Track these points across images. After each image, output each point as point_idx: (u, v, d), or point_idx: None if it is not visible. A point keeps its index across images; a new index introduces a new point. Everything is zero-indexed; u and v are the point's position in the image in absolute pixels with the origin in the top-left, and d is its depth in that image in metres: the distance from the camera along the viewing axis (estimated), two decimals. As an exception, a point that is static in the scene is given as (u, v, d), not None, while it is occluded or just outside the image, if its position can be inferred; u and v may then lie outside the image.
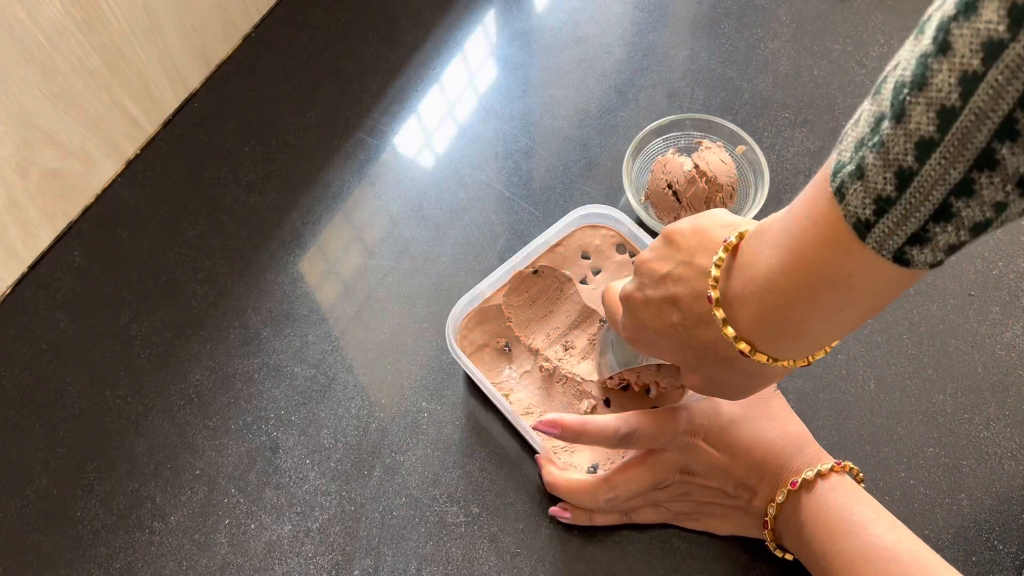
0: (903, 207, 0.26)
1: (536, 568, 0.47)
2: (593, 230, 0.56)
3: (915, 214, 0.26)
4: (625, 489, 0.45)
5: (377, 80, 0.70)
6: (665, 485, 0.45)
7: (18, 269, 0.59)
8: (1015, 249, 0.57)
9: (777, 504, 0.42)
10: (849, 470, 0.43)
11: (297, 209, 0.63)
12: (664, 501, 0.46)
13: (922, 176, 0.25)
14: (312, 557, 0.48)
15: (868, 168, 0.26)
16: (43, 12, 0.53)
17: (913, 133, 0.25)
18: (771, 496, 0.43)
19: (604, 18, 0.73)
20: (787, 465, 0.43)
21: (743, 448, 0.44)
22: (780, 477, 0.43)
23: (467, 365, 0.50)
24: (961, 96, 0.23)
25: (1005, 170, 0.24)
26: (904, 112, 0.25)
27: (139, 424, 0.53)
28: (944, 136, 0.24)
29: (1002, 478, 0.48)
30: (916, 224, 0.26)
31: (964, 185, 0.25)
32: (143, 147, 0.66)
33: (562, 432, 0.45)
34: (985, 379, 0.52)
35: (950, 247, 0.27)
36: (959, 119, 0.24)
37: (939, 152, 0.25)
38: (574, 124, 0.66)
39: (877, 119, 0.26)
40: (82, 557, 0.48)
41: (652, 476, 0.45)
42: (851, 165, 0.27)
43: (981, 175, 0.24)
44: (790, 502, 0.42)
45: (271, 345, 0.56)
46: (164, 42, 0.64)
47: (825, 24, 0.71)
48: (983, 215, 0.25)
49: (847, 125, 0.28)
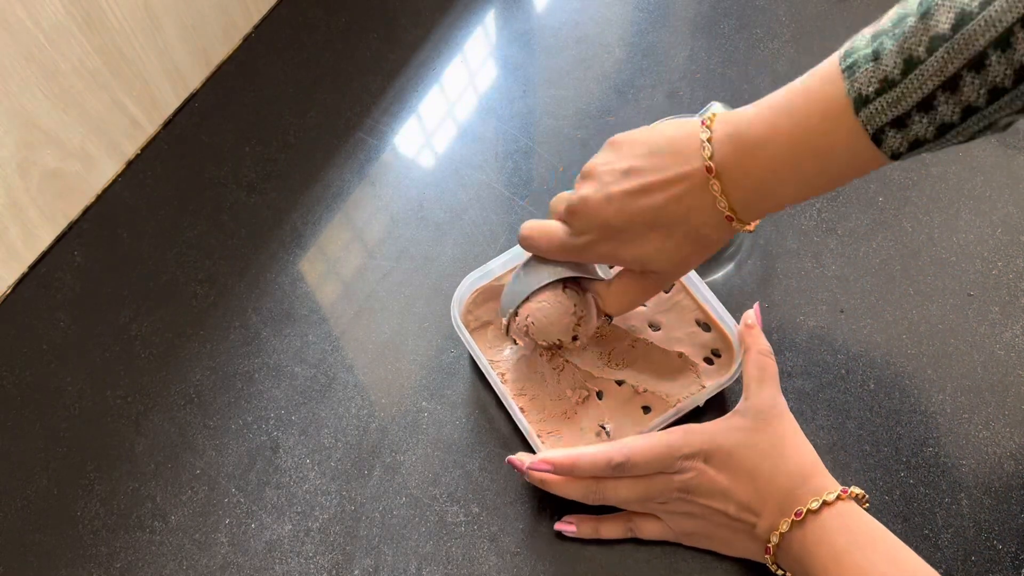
0: (900, 90, 0.32)
1: (536, 568, 0.47)
2: None
3: (907, 99, 0.32)
4: (616, 494, 0.45)
5: (377, 80, 0.70)
6: (662, 501, 0.45)
7: (18, 269, 0.59)
8: (1015, 249, 0.57)
9: (780, 533, 0.41)
10: (855, 496, 0.42)
11: (297, 209, 0.63)
12: (664, 515, 0.46)
13: (925, 65, 0.31)
14: (312, 556, 0.48)
15: (884, 52, 0.32)
16: (44, 12, 0.53)
17: (931, 28, 0.31)
18: (774, 523, 0.42)
19: (604, 18, 0.73)
20: (792, 493, 0.42)
21: (746, 473, 0.43)
22: (784, 505, 0.42)
23: (467, 339, 0.50)
24: (980, 5, 0.30)
25: (987, 75, 0.30)
26: (929, 11, 0.31)
27: (139, 424, 0.53)
28: (954, 35, 0.31)
29: (1001, 478, 0.48)
30: (904, 107, 0.32)
31: (953, 81, 0.31)
32: (143, 147, 0.66)
33: (554, 470, 0.45)
34: (984, 379, 0.52)
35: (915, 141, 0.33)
36: (971, 22, 0.30)
37: (945, 47, 0.31)
38: (574, 124, 0.66)
39: (901, 17, 0.33)
40: (82, 557, 0.48)
41: (646, 490, 0.44)
42: (867, 49, 0.33)
43: (968, 74, 0.31)
44: (793, 531, 0.41)
45: (271, 345, 0.56)
46: (164, 42, 0.64)
47: (825, 24, 0.71)
48: (952, 115, 0.32)
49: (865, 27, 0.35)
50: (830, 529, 0.40)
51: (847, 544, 0.39)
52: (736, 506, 0.43)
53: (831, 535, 0.40)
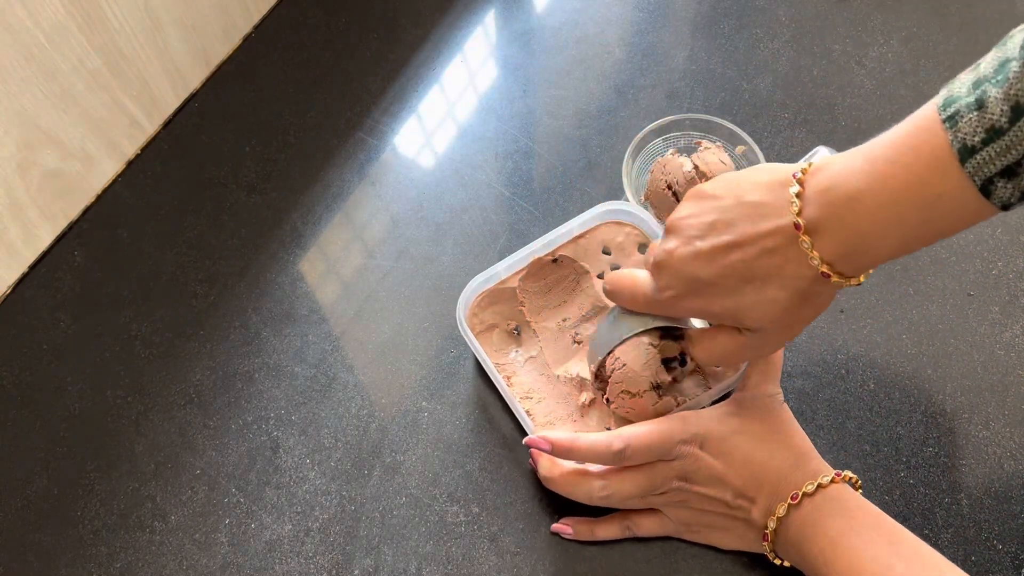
0: (1009, 139, 0.31)
1: (536, 567, 0.47)
2: (618, 227, 0.56)
3: (1017, 147, 0.31)
4: (619, 489, 0.45)
5: (377, 80, 0.70)
6: (662, 491, 0.45)
7: (19, 269, 0.59)
8: (1015, 249, 0.57)
9: (777, 518, 0.42)
10: (848, 479, 0.43)
11: (297, 209, 0.63)
12: (663, 507, 0.46)
13: None
14: (312, 556, 0.48)
15: (988, 101, 0.31)
16: (44, 12, 0.53)
17: None
18: (770, 508, 0.43)
19: (604, 18, 0.73)
20: (787, 477, 0.43)
21: (741, 459, 0.44)
22: (779, 489, 0.42)
23: (472, 342, 0.50)
24: None
25: None
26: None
27: (139, 424, 0.53)
28: None
29: (1001, 478, 0.48)
30: (1014, 157, 0.31)
31: None
32: (143, 147, 0.66)
33: (552, 448, 0.45)
34: (984, 379, 0.52)
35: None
36: None
37: None
38: (574, 124, 0.66)
39: (1002, 62, 0.31)
40: (82, 557, 0.48)
41: (648, 480, 0.45)
42: (969, 98, 0.32)
43: None
44: (790, 516, 0.42)
45: (271, 345, 0.56)
46: (164, 42, 0.64)
47: (825, 24, 0.71)
48: None
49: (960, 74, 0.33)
50: (826, 512, 0.41)
51: (843, 527, 0.40)
52: (732, 493, 0.44)
53: (827, 518, 0.40)
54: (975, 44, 0.68)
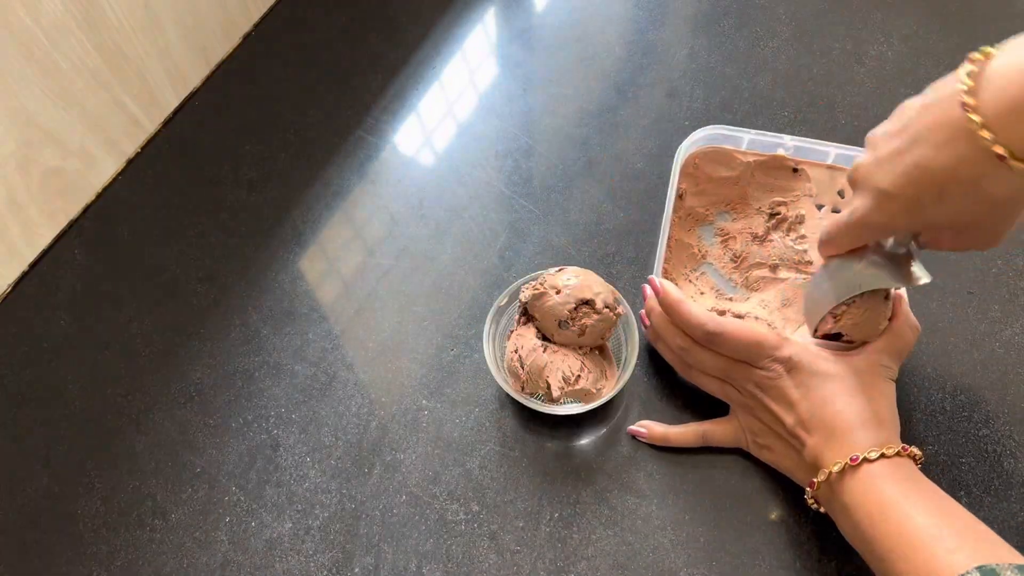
0: None
1: (536, 566, 0.47)
2: None
3: None
4: (698, 358, 0.49)
5: (377, 79, 0.70)
6: (738, 388, 0.48)
7: (19, 267, 0.59)
8: (1014, 248, 0.57)
9: (830, 471, 0.42)
10: (913, 456, 0.42)
11: (297, 207, 0.63)
12: (737, 406, 0.49)
13: None
14: (312, 555, 0.48)
15: None
16: (44, 11, 0.53)
17: None
18: (821, 454, 0.43)
19: (604, 17, 0.73)
20: (853, 434, 0.42)
21: (819, 399, 0.44)
22: (840, 442, 0.42)
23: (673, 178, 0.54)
24: None
25: None
26: None
27: (140, 422, 0.53)
28: None
29: (1001, 476, 0.48)
30: None
31: None
32: (143, 146, 0.66)
33: (660, 298, 0.49)
34: (984, 377, 0.52)
35: None
36: None
37: None
38: (574, 122, 0.66)
39: None
40: (83, 555, 0.48)
41: (728, 368, 0.48)
42: None
43: None
44: (845, 475, 0.41)
45: (271, 343, 0.56)
46: (165, 41, 0.64)
47: (824, 23, 0.71)
48: None
49: None
50: (881, 477, 0.41)
51: (897, 494, 0.40)
52: (794, 420, 0.45)
53: (882, 483, 0.40)
54: (974, 42, 0.67)
